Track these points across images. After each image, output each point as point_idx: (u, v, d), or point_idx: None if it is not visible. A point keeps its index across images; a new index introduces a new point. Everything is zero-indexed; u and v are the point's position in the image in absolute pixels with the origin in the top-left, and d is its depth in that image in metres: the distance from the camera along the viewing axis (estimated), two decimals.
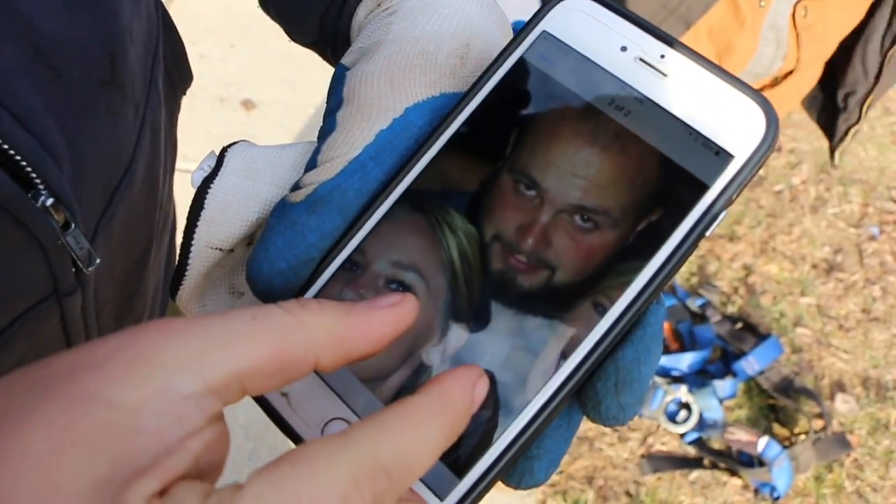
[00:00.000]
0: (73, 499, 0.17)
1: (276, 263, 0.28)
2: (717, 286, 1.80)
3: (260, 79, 2.11)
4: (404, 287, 0.27)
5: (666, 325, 1.72)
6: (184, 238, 0.30)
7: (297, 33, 0.44)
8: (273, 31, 0.46)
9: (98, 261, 0.38)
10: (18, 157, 0.31)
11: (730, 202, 0.25)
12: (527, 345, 0.26)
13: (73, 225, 0.35)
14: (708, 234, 0.25)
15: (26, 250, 0.34)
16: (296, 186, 0.30)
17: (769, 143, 0.24)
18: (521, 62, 0.29)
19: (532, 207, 0.27)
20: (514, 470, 0.26)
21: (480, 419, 0.25)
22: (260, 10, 0.45)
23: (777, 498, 1.51)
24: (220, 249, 0.30)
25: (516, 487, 0.26)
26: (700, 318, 1.73)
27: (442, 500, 0.24)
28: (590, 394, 0.26)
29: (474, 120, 0.29)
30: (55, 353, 0.20)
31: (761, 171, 2.00)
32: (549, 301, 0.26)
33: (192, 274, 0.30)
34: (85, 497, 0.17)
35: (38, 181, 0.32)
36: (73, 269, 0.38)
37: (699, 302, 1.74)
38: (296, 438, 0.26)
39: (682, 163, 0.25)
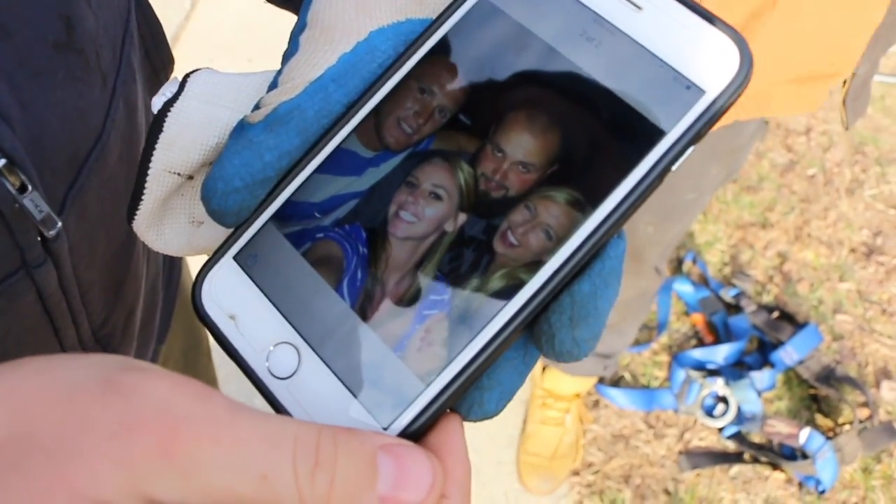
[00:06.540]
0: None
1: (231, 182, 0.27)
2: (751, 275, 1.74)
3: None
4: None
5: (700, 317, 1.68)
6: (141, 161, 0.29)
7: None
8: None
9: (59, 224, 0.38)
10: None
11: (698, 137, 0.24)
12: (497, 262, 0.25)
13: (29, 187, 0.34)
14: (674, 168, 0.25)
15: None
16: (256, 107, 0.29)
17: (741, 80, 0.24)
18: None
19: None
20: (464, 399, 0.25)
21: (434, 340, 0.24)
22: (276, 24, 0.44)
23: (823, 491, 1.45)
24: (179, 174, 0.29)
25: (465, 418, 0.25)
26: (735, 308, 1.68)
27: (386, 427, 0.24)
28: (544, 327, 0.25)
29: (443, 45, 0.28)
30: (47, 405, 0.20)
31: (792, 156, 1.95)
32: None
33: (149, 198, 0.29)
34: None
35: None
36: (39, 239, 0.37)
37: (733, 292, 1.69)
38: (241, 362, 0.26)
39: (652, 95, 0.25)
